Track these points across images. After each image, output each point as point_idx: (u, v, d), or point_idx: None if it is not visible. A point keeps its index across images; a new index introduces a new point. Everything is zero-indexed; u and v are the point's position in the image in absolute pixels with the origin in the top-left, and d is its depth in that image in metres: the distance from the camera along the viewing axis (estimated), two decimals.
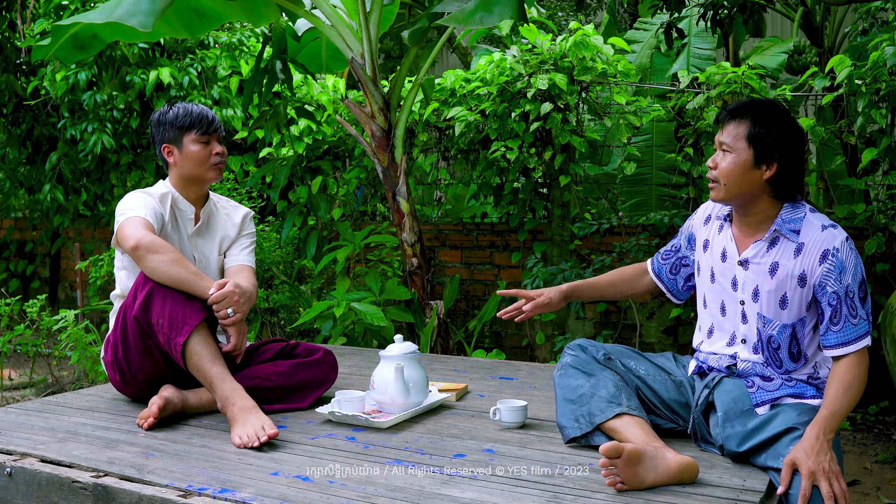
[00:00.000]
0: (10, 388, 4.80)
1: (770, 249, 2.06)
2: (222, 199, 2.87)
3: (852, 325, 1.98)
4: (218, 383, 2.31)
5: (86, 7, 5.19)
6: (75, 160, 5.96)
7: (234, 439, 2.18)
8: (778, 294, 2.04)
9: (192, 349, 2.33)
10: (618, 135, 4.70)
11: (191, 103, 2.71)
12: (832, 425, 1.88)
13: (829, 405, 1.91)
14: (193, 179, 2.68)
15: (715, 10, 4.29)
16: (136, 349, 2.47)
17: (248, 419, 2.21)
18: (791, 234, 2.03)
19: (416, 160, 5.27)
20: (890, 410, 4.16)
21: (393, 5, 4.61)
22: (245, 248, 2.81)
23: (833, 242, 1.99)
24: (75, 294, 6.71)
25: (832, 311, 1.99)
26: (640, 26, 6.48)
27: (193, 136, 2.64)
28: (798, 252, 2.02)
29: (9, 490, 2.04)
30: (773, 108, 2.06)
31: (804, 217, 2.05)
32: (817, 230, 2.02)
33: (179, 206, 2.70)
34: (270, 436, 2.15)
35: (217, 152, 2.67)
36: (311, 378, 2.61)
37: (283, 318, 5.18)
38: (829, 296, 1.99)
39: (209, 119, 2.66)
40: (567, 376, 2.17)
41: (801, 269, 2.01)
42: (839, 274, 1.98)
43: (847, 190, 4.52)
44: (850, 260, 1.99)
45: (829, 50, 5.69)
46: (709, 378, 2.15)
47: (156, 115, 2.69)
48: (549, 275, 4.50)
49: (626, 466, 1.80)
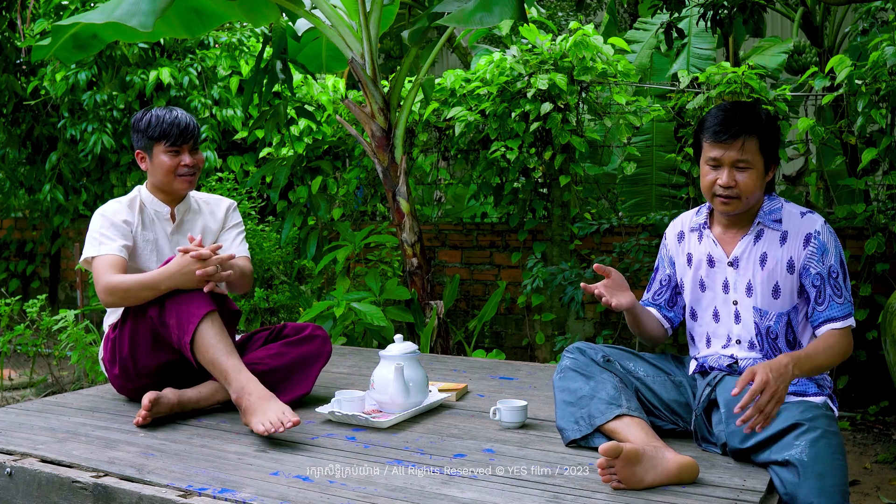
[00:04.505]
0: (10, 388, 4.80)
1: (757, 242, 2.13)
2: (204, 196, 2.87)
3: (837, 304, 2.06)
4: (233, 374, 2.29)
5: (86, 7, 5.19)
6: (75, 160, 5.96)
7: (255, 427, 2.16)
8: (770, 283, 2.10)
9: (205, 342, 2.32)
10: (618, 135, 4.71)
11: (166, 109, 2.68)
12: (803, 364, 1.95)
13: (807, 350, 2.02)
14: (163, 187, 2.71)
15: (715, 10, 4.29)
16: (145, 347, 2.47)
17: (266, 407, 2.20)
18: (774, 224, 2.12)
19: (416, 160, 5.27)
20: (890, 410, 4.16)
21: (393, 5, 4.61)
22: (235, 240, 2.81)
23: (814, 226, 2.08)
24: (75, 294, 6.70)
25: (816, 292, 2.07)
26: (640, 26, 6.48)
27: (163, 147, 2.63)
28: (784, 240, 2.10)
29: (9, 490, 2.04)
30: (764, 112, 2.12)
31: (782, 207, 2.14)
32: (797, 217, 2.11)
33: (154, 207, 2.72)
34: (294, 422, 2.14)
35: (186, 164, 2.66)
36: (305, 354, 2.60)
37: (283, 318, 5.19)
38: (812, 277, 2.07)
39: (180, 129, 2.63)
40: (566, 379, 2.18)
41: (789, 255, 2.09)
42: (821, 255, 2.06)
43: (847, 190, 4.52)
44: (830, 241, 2.08)
45: (829, 50, 5.69)
46: (711, 376, 2.16)
47: (133, 119, 2.71)
48: (549, 275, 4.50)
49: (624, 466, 1.80)
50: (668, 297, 2.36)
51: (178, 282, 2.38)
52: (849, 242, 4.25)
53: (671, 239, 2.34)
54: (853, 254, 4.20)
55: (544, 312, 4.90)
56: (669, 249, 2.34)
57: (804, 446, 1.87)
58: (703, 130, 2.12)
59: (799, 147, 4.57)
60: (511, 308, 5.11)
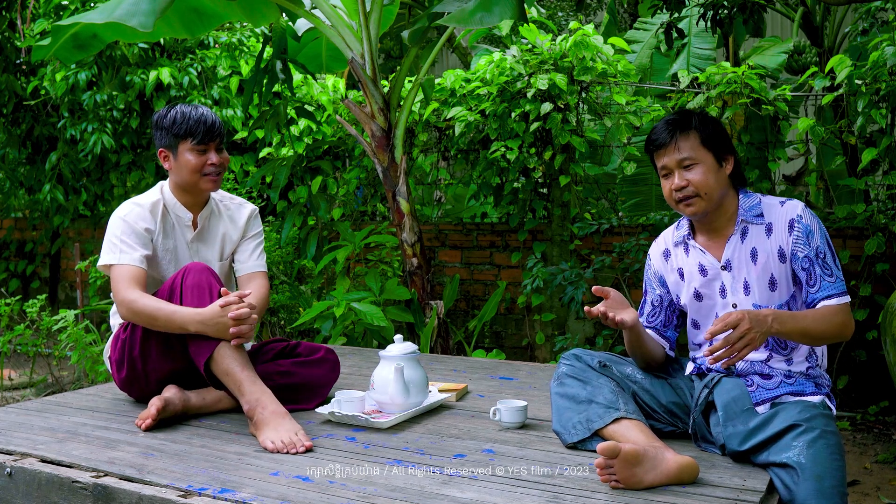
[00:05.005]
0: (10, 388, 4.80)
1: (744, 240, 2.14)
2: (226, 198, 2.78)
3: (829, 283, 2.06)
4: (248, 386, 2.28)
5: (86, 7, 5.19)
6: (75, 160, 5.96)
7: (265, 443, 2.15)
8: (765, 277, 2.11)
9: (220, 353, 2.31)
10: (618, 135, 4.71)
11: (193, 106, 2.58)
12: (786, 322, 1.97)
13: (796, 312, 2.04)
14: (188, 187, 2.61)
15: (715, 10, 4.29)
16: (157, 349, 2.44)
17: (280, 424, 2.19)
18: (756, 219, 2.13)
19: (416, 160, 5.27)
20: (890, 410, 4.16)
21: (393, 5, 4.61)
22: (254, 252, 2.74)
23: (795, 211, 2.10)
24: (75, 294, 6.71)
25: (807, 275, 2.07)
26: (640, 26, 6.48)
27: (189, 145, 2.54)
28: (769, 232, 2.11)
29: (9, 490, 2.04)
30: (697, 112, 2.18)
31: (760, 202, 2.15)
32: (778, 207, 2.13)
33: (176, 212, 2.64)
34: (307, 447, 2.12)
35: (212, 162, 2.56)
36: (313, 377, 2.59)
37: (283, 318, 5.19)
38: (800, 261, 2.08)
39: (207, 126, 2.54)
40: (564, 385, 2.18)
41: (778, 245, 2.10)
42: (807, 237, 2.08)
43: (847, 190, 4.52)
44: (813, 223, 2.09)
45: (829, 50, 5.69)
46: (708, 378, 2.15)
47: (155, 116, 2.62)
48: (549, 275, 4.50)
49: (623, 466, 1.80)
50: (662, 318, 2.32)
51: (207, 331, 2.32)
52: (849, 242, 4.25)
53: (657, 259, 2.33)
54: (853, 254, 4.20)
55: (544, 312, 4.90)
56: (657, 269, 2.33)
57: (802, 447, 1.87)
58: (647, 147, 2.20)
59: (799, 147, 4.57)
60: (511, 308, 5.11)
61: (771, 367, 2.09)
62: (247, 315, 2.31)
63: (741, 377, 2.10)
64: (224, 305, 2.31)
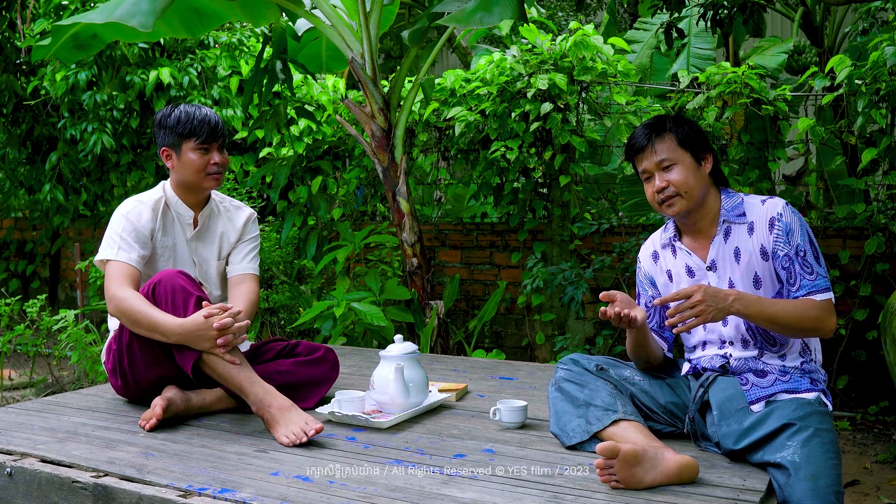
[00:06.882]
0: (10, 388, 4.80)
1: (727, 240, 2.15)
2: (226, 199, 2.82)
3: (809, 281, 2.06)
4: (249, 387, 2.30)
5: (86, 7, 5.19)
6: (75, 160, 5.96)
7: (280, 439, 2.18)
8: (749, 276, 2.12)
9: (212, 358, 2.32)
10: (618, 135, 4.71)
11: (195, 106, 2.61)
12: (750, 305, 1.98)
13: (765, 298, 2.04)
14: (190, 186, 2.64)
15: (715, 10, 4.29)
16: (142, 361, 2.45)
17: (289, 418, 2.21)
18: (738, 218, 2.15)
19: (416, 160, 5.27)
20: (890, 410, 4.16)
21: (393, 5, 4.61)
22: (247, 255, 2.77)
23: (776, 209, 2.11)
24: (75, 294, 6.71)
25: (787, 274, 2.08)
26: (640, 26, 6.48)
27: (192, 144, 2.57)
28: (751, 230, 2.13)
29: (9, 490, 2.04)
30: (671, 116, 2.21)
31: (742, 201, 2.17)
32: (759, 205, 2.14)
33: (178, 210, 2.67)
34: (317, 430, 2.15)
35: (215, 162, 2.61)
36: (313, 377, 2.60)
37: (283, 318, 5.19)
38: (781, 259, 2.09)
39: (210, 126, 2.58)
40: (562, 390, 2.18)
41: (760, 243, 2.11)
42: (787, 236, 2.08)
43: (847, 190, 4.52)
44: (794, 221, 2.09)
45: (829, 50, 5.69)
46: (703, 377, 2.16)
47: (158, 115, 2.64)
48: (549, 275, 4.50)
49: (623, 467, 1.80)
50: (657, 319, 2.32)
51: (191, 341, 2.32)
52: (849, 242, 4.25)
53: (646, 260, 2.35)
54: (853, 254, 4.20)
55: (544, 312, 4.90)
56: (647, 272, 2.35)
57: (796, 447, 1.87)
58: (627, 154, 2.23)
59: (799, 147, 4.57)
60: (511, 308, 5.11)
61: (765, 364, 2.09)
62: (230, 325, 2.31)
63: (736, 375, 2.11)
64: (208, 316, 2.31)
